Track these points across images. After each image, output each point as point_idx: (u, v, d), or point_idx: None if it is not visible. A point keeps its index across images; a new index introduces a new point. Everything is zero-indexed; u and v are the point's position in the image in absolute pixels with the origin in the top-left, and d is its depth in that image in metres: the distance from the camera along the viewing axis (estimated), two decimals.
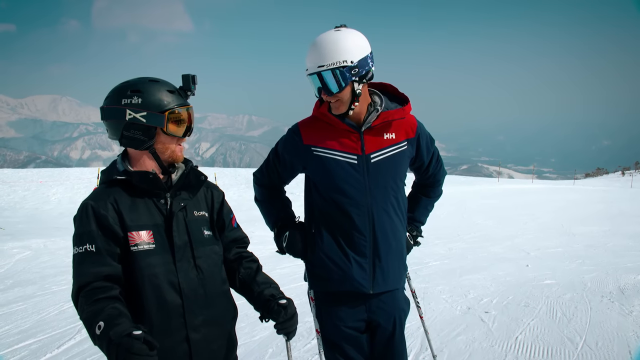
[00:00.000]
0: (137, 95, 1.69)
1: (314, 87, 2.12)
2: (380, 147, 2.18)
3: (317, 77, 2.05)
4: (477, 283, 6.31)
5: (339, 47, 2.01)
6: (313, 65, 2.05)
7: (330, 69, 2.01)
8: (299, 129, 2.23)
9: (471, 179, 48.88)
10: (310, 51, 2.06)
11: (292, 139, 2.25)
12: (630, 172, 68.45)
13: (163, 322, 1.66)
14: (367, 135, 2.18)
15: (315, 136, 2.19)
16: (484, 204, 19.96)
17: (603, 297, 5.40)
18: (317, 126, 2.21)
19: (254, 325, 4.52)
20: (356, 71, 2.04)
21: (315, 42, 2.05)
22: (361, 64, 2.05)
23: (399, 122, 2.23)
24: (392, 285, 2.27)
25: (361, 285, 2.18)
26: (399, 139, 2.22)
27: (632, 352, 3.84)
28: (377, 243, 2.19)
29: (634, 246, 9.51)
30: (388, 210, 2.21)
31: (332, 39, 2.03)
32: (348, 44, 2.02)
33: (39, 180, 24.64)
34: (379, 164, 2.18)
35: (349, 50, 2.02)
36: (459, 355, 3.86)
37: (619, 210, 17.88)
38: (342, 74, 2.02)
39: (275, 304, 1.83)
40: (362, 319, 2.23)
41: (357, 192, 2.15)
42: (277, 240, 2.39)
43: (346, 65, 2.02)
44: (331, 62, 2.01)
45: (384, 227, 2.20)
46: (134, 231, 1.66)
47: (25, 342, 4.41)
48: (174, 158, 1.79)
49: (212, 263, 1.82)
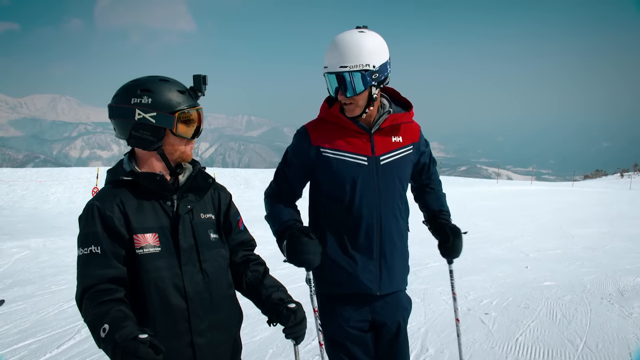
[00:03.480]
0: (147, 95, 1.66)
1: (330, 86, 2.09)
2: (389, 150, 2.19)
3: (336, 77, 2.03)
4: (476, 284, 6.32)
5: (362, 50, 1.99)
6: (334, 64, 2.02)
7: (352, 71, 1.99)
8: (307, 131, 2.21)
9: (470, 180, 48.93)
10: (332, 49, 2.03)
11: (301, 142, 2.22)
12: (629, 174, 68.51)
13: (168, 326, 1.65)
14: (377, 137, 2.18)
15: (324, 137, 2.17)
16: (483, 205, 19.97)
17: (603, 299, 5.41)
18: (325, 127, 2.19)
19: (254, 326, 4.52)
20: (376, 76, 2.03)
21: (338, 41, 2.02)
22: (382, 69, 2.04)
23: (405, 125, 2.25)
24: (397, 286, 2.28)
25: (368, 287, 2.17)
26: (406, 143, 2.24)
27: (633, 354, 3.85)
28: (384, 244, 2.19)
29: (633, 248, 9.52)
30: (395, 211, 2.22)
31: (356, 41, 2.00)
32: (371, 47, 2.01)
33: (38, 180, 24.60)
34: (388, 166, 2.18)
35: (372, 55, 2.01)
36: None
37: (618, 212, 17.90)
38: (363, 77, 2.00)
39: (284, 308, 1.79)
40: (366, 320, 2.22)
41: (366, 193, 2.15)
42: (280, 247, 2.21)
43: (368, 69, 2.00)
44: (354, 64, 1.98)
45: (391, 229, 2.20)
46: (140, 234, 1.64)
47: (25, 341, 4.40)
48: (184, 158, 1.77)
49: (218, 267, 1.80)
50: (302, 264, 2.09)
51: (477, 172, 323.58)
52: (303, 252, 2.06)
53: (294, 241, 2.09)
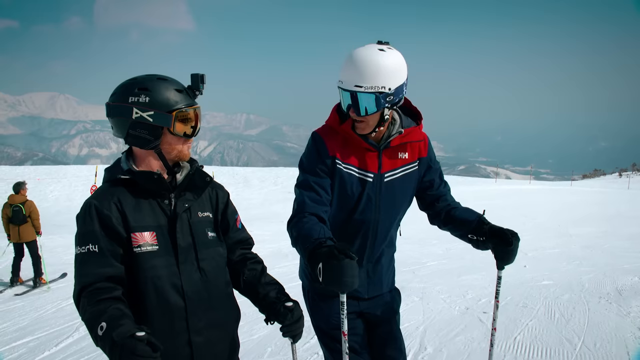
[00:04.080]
0: (144, 94, 1.65)
1: (343, 101, 2.04)
2: (394, 167, 2.16)
3: (349, 94, 1.97)
4: (475, 283, 6.33)
5: (380, 72, 1.92)
6: (349, 82, 1.95)
7: (367, 92, 1.93)
8: (323, 140, 2.12)
9: (469, 179, 48.98)
10: (348, 65, 1.96)
11: (319, 149, 2.11)
12: (627, 174, 68.63)
13: (165, 324, 1.64)
14: (385, 155, 2.15)
15: (338, 149, 2.11)
16: (481, 204, 19.97)
17: (601, 298, 5.42)
18: (337, 138, 2.13)
19: (252, 324, 4.52)
20: (391, 99, 1.98)
21: (356, 58, 1.94)
22: (397, 91, 1.98)
23: (414, 142, 2.21)
24: (386, 288, 2.32)
25: (357, 291, 2.20)
26: (412, 159, 2.21)
27: (630, 352, 3.86)
28: (374, 253, 2.21)
29: (631, 247, 9.54)
30: (391, 227, 2.23)
31: (375, 61, 1.92)
32: (390, 69, 1.94)
33: (37, 178, 24.57)
34: (391, 183, 2.16)
35: (390, 77, 1.94)
36: (458, 355, 3.87)
37: (616, 212, 17.94)
38: (377, 99, 1.94)
39: (281, 307, 1.79)
40: (355, 311, 2.24)
41: (367, 208, 2.14)
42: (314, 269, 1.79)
43: (383, 92, 1.94)
44: (369, 85, 1.92)
45: (384, 239, 2.22)
46: (137, 232, 1.64)
47: (23, 339, 4.41)
48: (181, 157, 1.76)
49: (216, 265, 1.80)
50: (344, 288, 1.76)
51: (475, 171, 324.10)
52: (345, 274, 1.72)
53: (333, 264, 1.72)
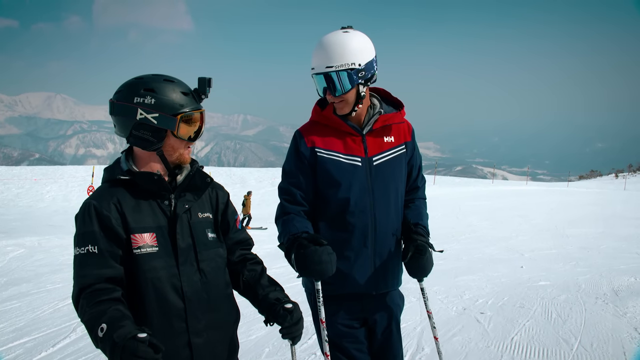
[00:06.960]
0: (150, 95, 1.64)
1: (318, 86, 2.13)
2: (382, 150, 2.21)
3: (323, 77, 2.06)
4: (472, 284, 6.34)
5: (347, 49, 2.02)
6: (320, 66, 2.06)
7: (338, 71, 2.03)
8: (301, 134, 2.22)
9: (466, 180, 49.11)
10: (317, 51, 2.07)
11: (297, 145, 2.20)
12: (623, 175, 68.93)
13: (165, 326, 1.64)
14: (369, 138, 2.20)
15: (319, 139, 2.18)
16: (478, 205, 20.05)
17: (597, 299, 5.44)
18: (318, 129, 2.21)
19: (250, 325, 4.52)
20: (363, 74, 2.07)
21: (323, 42, 2.06)
22: (367, 67, 2.08)
23: (397, 125, 2.27)
24: (392, 286, 2.28)
25: (364, 287, 2.18)
26: (398, 142, 2.26)
27: (627, 353, 3.87)
28: (378, 244, 2.19)
29: (627, 248, 9.58)
30: (390, 211, 2.22)
31: (341, 41, 2.04)
32: (356, 46, 2.04)
33: (33, 178, 24.50)
34: (381, 167, 2.19)
35: (357, 53, 2.04)
36: (456, 356, 3.87)
37: (613, 213, 18.01)
38: (349, 76, 2.04)
39: (280, 308, 1.78)
40: (358, 317, 2.23)
41: (361, 194, 2.15)
42: (289, 262, 2.06)
43: (354, 68, 2.04)
44: (339, 63, 2.02)
45: (386, 229, 2.20)
46: (137, 233, 1.63)
47: (20, 340, 4.39)
48: (182, 161, 1.76)
49: (216, 266, 1.79)
50: (315, 275, 1.96)
51: (472, 172, 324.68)
52: (314, 262, 1.92)
53: (301, 252, 1.94)
